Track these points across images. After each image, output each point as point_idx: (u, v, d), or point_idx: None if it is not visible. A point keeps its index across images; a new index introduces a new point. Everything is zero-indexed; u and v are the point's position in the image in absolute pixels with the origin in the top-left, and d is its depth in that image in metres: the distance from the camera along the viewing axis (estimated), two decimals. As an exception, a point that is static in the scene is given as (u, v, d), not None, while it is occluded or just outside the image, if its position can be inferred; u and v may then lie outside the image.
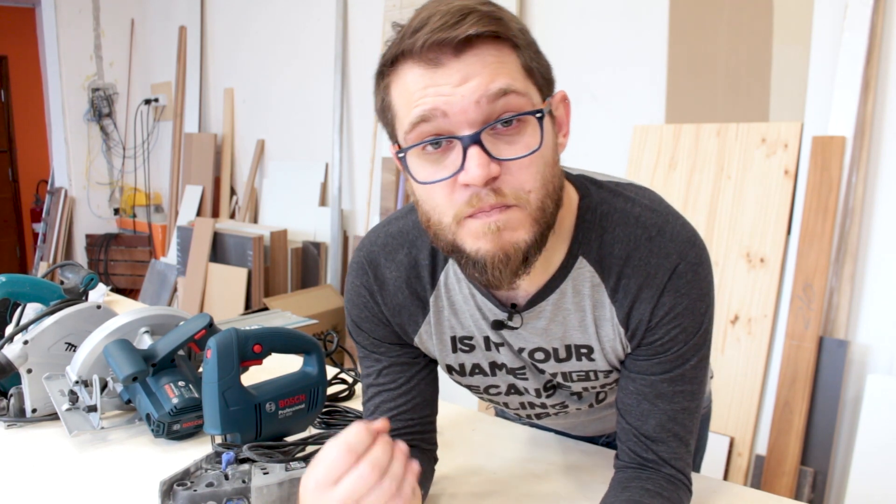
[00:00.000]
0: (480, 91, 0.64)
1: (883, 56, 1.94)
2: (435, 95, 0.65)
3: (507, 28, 0.66)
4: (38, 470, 1.00)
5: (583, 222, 0.76)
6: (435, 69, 0.65)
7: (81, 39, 4.81)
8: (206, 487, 0.83)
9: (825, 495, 1.99)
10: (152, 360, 1.08)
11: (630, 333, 0.78)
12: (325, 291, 3.55)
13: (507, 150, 0.66)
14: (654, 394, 0.78)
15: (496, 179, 0.65)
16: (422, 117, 0.65)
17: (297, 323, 2.06)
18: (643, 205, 0.77)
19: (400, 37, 0.66)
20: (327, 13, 3.61)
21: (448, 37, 0.63)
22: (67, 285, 1.30)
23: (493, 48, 0.65)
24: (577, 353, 0.82)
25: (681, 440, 0.79)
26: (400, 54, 0.66)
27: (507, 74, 0.65)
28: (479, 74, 0.64)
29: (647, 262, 0.74)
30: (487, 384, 0.90)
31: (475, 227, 0.67)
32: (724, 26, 2.23)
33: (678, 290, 0.74)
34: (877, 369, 1.96)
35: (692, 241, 0.75)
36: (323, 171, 3.76)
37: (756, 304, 2.11)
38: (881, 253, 1.95)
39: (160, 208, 5.01)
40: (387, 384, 0.87)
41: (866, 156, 1.96)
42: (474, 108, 0.64)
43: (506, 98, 0.65)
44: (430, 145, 0.66)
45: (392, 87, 0.69)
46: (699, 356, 0.78)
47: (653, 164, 2.36)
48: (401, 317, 0.84)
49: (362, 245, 0.86)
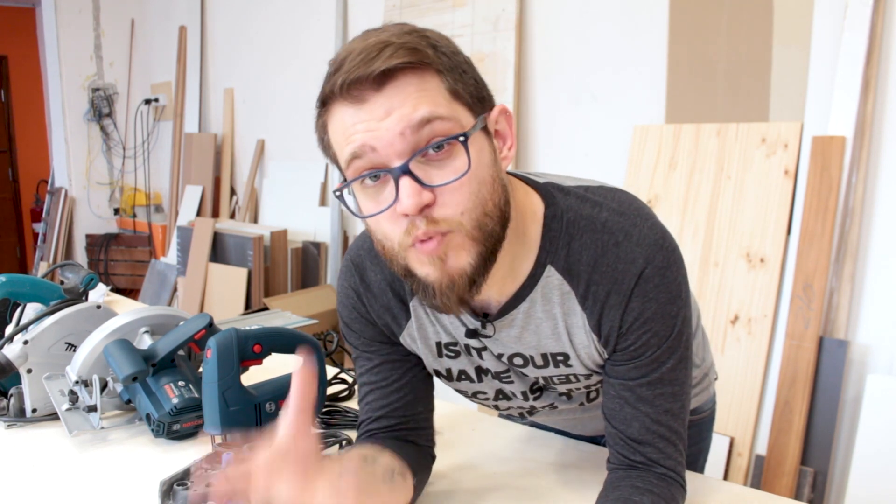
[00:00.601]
0: (404, 122, 0.65)
1: (883, 56, 1.94)
2: (364, 132, 0.66)
3: (424, 55, 0.66)
4: (38, 470, 1.00)
5: (549, 231, 0.77)
6: (360, 105, 0.66)
7: (81, 39, 4.81)
8: (207, 487, 0.83)
9: (825, 495, 1.99)
10: (152, 360, 1.08)
11: (603, 340, 0.78)
12: (325, 291, 3.55)
13: (438, 175, 0.67)
14: (635, 398, 0.78)
15: (431, 206, 0.67)
16: (353, 154, 0.67)
17: (297, 323, 2.06)
18: (611, 209, 0.76)
19: (327, 76, 0.68)
20: (327, 13, 3.61)
21: (365, 73, 0.65)
22: (67, 285, 1.30)
23: (415, 77, 0.66)
24: (554, 360, 0.82)
25: (668, 441, 0.79)
26: (328, 95, 0.68)
27: (430, 102, 0.66)
28: (400, 106, 0.65)
29: (613, 267, 0.74)
30: (475, 390, 0.90)
31: (419, 256, 0.69)
32: (724, 26, 2.23)
33: (646, 294, 0.74)
34: (877, 369, 1.96)
35: (660, 243, 0.75)
36: (323, 171, 3.76)
37: (756, 304, 2.11)
38: (881, 253, 1.95)
39: (160, 208, 5.01)
40: (379, 381, 0.88)
41: (866, 156, 1.96)
42: (399, 140, 0.65)
43: (430, 125, 0.66)
44: (368, 179, 0.68)
45: (328, 126, 0.71)
46: (675, 358, 0.77)
47: (653, 164, 2.36)
48: (385, 318, 0.86)
49: (352, 248, 0.88)
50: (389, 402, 0.87)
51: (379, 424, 0.87)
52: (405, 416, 0.88)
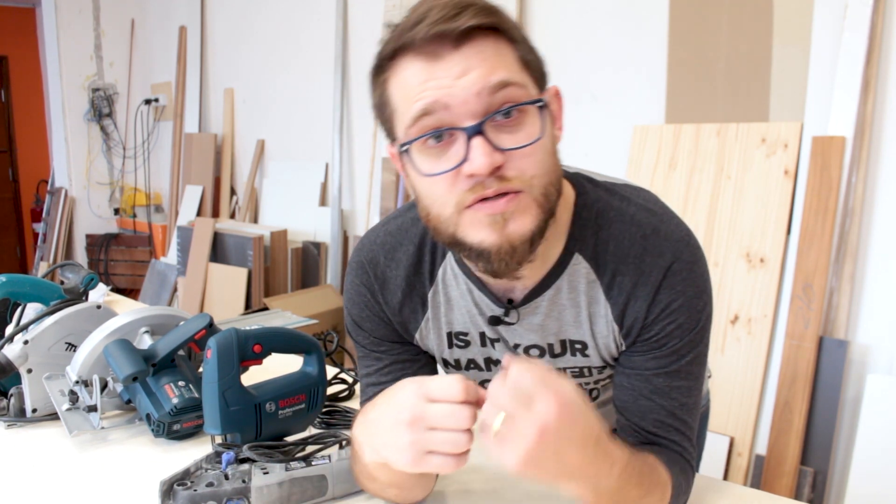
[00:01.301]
0: (481, 83, 0.64)
1: (883, 56, 1.94)
2: (436, 89, 0.65)
3: (504, 21, 0.67)
4: (38, 470, 1.00)
5: (579, 219, 0.77)
6: (435, 62, 0.65)
7: (81, 39, 4.81)
8: (207, 487, 0.83)
9: (825, 495, 1.99)
10: (152, 360, 1.08)
11: (625, 331, 0.78)
12: (325, 291, 3.55)
13: (510, 139, 0.66)
14: (650, 389, 0.78)
15: (500, 168, 0.66)
16: (424, 110, 0.66)
17: (297, 323, 2.07)
18: (638, 204, 0.77)
19: (399, 32, 0.67)
20: (327, 13, 3.61)
21: (447, 28, 0.64)
22: (67, 285, 1.30)
23: (491, 41, 0.66)
24: (572, 348, 0.82)
25: (682, 433, 0.80)
26: (399, 48, 0.67)
27: (506, 67, 0.66)
28: (478, 67, 0.65)
29: (641, 259, 0.75)
30: (482, 379, 0.90)
31: (479, 217, 0.67)
32: (724, 26, 2.23)
33: (674, 287, 0.75)
34: (877, 369, 1.96)
35: (686, 240, 0.76)
36: (323, 171, 3.76)
37: (756, 304, 2.11)
38: (881, 253, 1.96)
39: (160, 208, 5.01)
40: (388, 382, 0.86)
41: (866, 156, 1.96)
42: (475, 100, 0.65)
43: (505, 90, 0.65)
44: (431, 139, 0.67)
45: (390, 83, 0.69)
46: (695, 353, 0.78)
47: (653, 164, 2.36)
48: (402, 315, 0.85)
49: (362, 245, 0.87)
50: None
51: None
52: None
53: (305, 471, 0.87)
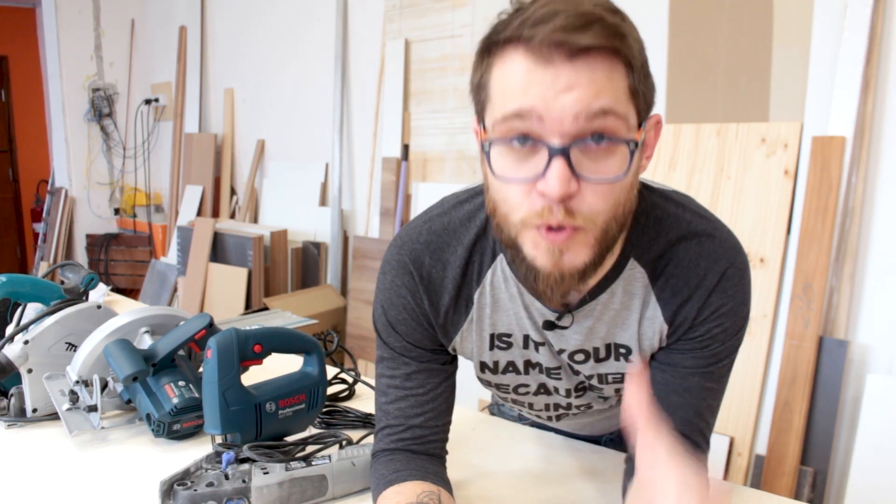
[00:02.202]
0: (582, 105, 0.62)
1: (883, 56, 1.94)
2: (537, 97, 0.62)
3: (627, 46, 0.64)
4: (39, 470, 1.00)
5: (637, 224, 0.77)
6: (545, 66, 0.62)
7: (82, 39, 4.81)
8: (207, 487, 0.83)
9: (825, 495, 1.99)
10: (152, 359, 1.08)
11: (672, 330, 0.79)
12: (325, 291, 3.55)
13: (591, 168, 0.64)
14: (684, 387, 0.79)
15: (572, 197, 0.64)
16: (517, 113, 0.63)
17: (297, 323, 2.06)
18: (692, 211, 0.79)
19: (520, 21, 0.64)
20: (327, 13, 3.61)
21: (569, 40, 0.61)
22: (68, 285, 1.30)
23: (607, 62, 0.63)
24: (616, 352, 0.82)
25: (703, 436, 0.81)
26: (515, 38, 0.64)
27: (613, 94, 0.63)
28: (585, 86, 0.62)
29: (696, 264, 0.76)
30: (518, 382, 0.89)
31: (538, 240, 0.66)
32: (724, 26, 2.23)
33: (726, 291, 0.77)
34: (877, 369, 1.96)
35: (738, 248, 0.79)
36: (323, 171, 3.76)
37: (756, 303, 2.11)
38: (881, 253, 1.96)
39: (160, 208, 5.01)
40: (414, 388, 0.84)
41: (866, 156, 1.96)
42: (571, 121, 0.62)
43: (604, 118, 0.63)
44: (516, 140, 0.65)
45: (494, 68, 0.66)
46: (731, 358, 0.81)
47: (652, 164, 2.36)
48: (445, 317, 0.82)
49: (402, 242, 0.82)
50: (424, 411, 0.84)
51: (412, 434, 0.84)
52: (437, 426, 0.85)
53: (305, 471, 0.87)
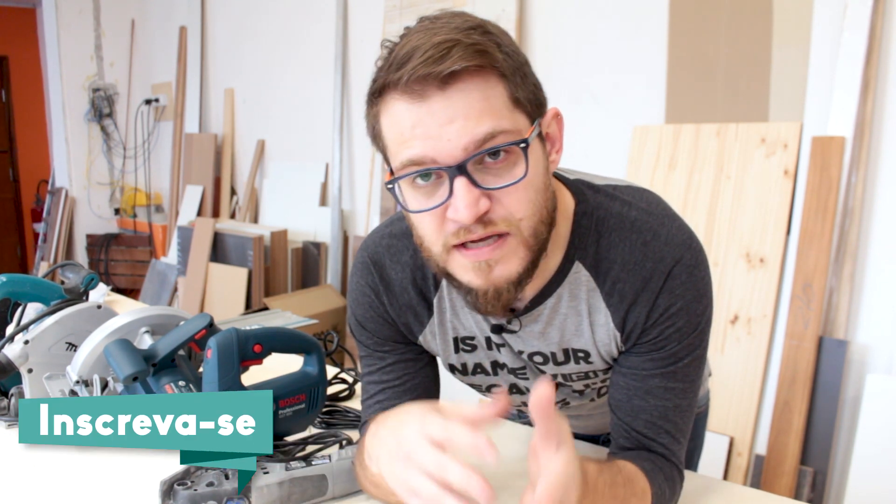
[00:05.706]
0: (467, 134, 0.64)
1: (882, 56, 1.94)
2: (423, 138, 0.65)
3: (493, 59, 0.65)
4: (39, 470, 1.00)
5: (579, 227, 0.77)
6: (420, 103, 0.65)
7: (82, 40, 4.81)
8: (207, 487, 0.83)
9: (825, 495, 1.99)
10: (153, 359, 1.08)
11: (625, 336, 0.78)
12: (325, 291, 3.55)
13: (495, 178, 0.66)
14: (645, 389, 0.78)
15: (486, 213, 0.66)
16: (410, 161, 0.66)
17: (297, 323, 2.07)
18: (639, 208, 0.77)
19: (387, 67, 0.67)
20: (327, 13, 3.61)
21: (433, 71, 0.63)
22: (68, 285, 1.30)
23: (479, 80, 0.65)
24: (575, 356, 0.82)
25: (672, 437, 0.80)
26: (386, 85, 0.67)
27: (493, 114, 0.65)
28: (465, 116, 0.64)
29: (642, 265, 0.74)
30: (489, 383, 0.90)
31: (464, 261, 0.68)
32: (723, 26, 2.23)
33: (673, 291, 0.74)
34: (876, 369, 1.96)
35: (687, 243, 0.75)
36: (323, 171, 3.76)
37: (756, 304, 2.11)
38: (881, 253, 1.96)
39: (160, 208, 5.01)
40: (391, 381, 0.87)
41: (866, 156, 1.96)
42: (462, 152, 0.65)
43: (493, 139, 0.65)
44: (419, 178, 0.67)
45: (381, 117, 0.69)
46: (693, 356, 0.78)
47: (652, 164, 2.36)
48: (406, 317, 0.84)
49: (366, 245, 0.86)
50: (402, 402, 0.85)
51: None
52: None
53: (305, 470, 0.87)
